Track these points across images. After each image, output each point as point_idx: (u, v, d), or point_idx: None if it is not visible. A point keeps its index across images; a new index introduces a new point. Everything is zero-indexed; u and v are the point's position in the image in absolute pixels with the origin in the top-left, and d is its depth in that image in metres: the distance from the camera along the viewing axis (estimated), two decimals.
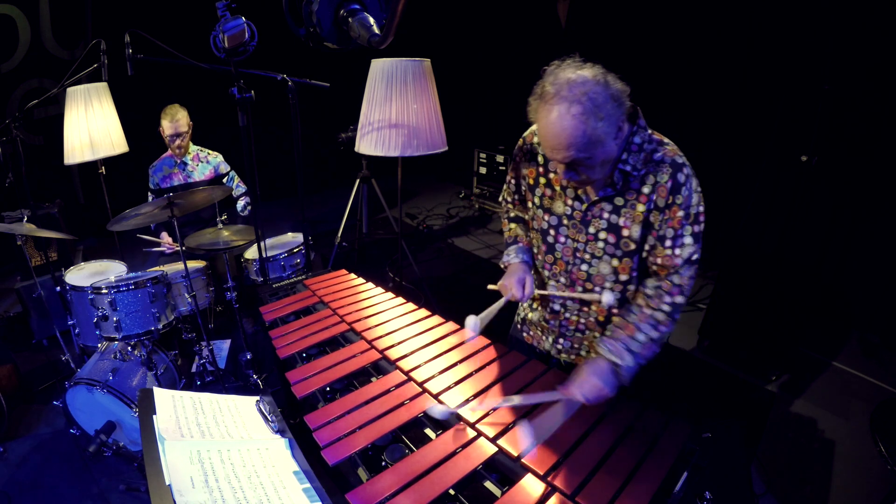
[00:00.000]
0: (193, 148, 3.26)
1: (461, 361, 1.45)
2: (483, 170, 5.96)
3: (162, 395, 1.09)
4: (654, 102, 4.23)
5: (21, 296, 3.25)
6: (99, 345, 2.53)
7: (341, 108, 4.90)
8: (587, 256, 1.41)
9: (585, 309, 1.50)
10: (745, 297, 3.05)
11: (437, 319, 1.69)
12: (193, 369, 2.85)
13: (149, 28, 1.98)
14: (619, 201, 1.32)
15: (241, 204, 3.40)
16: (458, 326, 1.63)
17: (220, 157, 3.34)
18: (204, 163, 3.27)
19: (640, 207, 1.29)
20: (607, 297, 1.37)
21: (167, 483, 0.83)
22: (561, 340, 1.58)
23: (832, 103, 3.00)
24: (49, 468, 2.35)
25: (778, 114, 3.57)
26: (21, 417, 2.67)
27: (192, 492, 0.83)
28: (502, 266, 1.60)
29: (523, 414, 1.22)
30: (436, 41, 5.68)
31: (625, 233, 1.33)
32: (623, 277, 1.39)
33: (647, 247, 1.34)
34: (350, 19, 1.21)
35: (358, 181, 4.08)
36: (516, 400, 1.23)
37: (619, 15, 4.47)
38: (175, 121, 3.05)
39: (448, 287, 4.10)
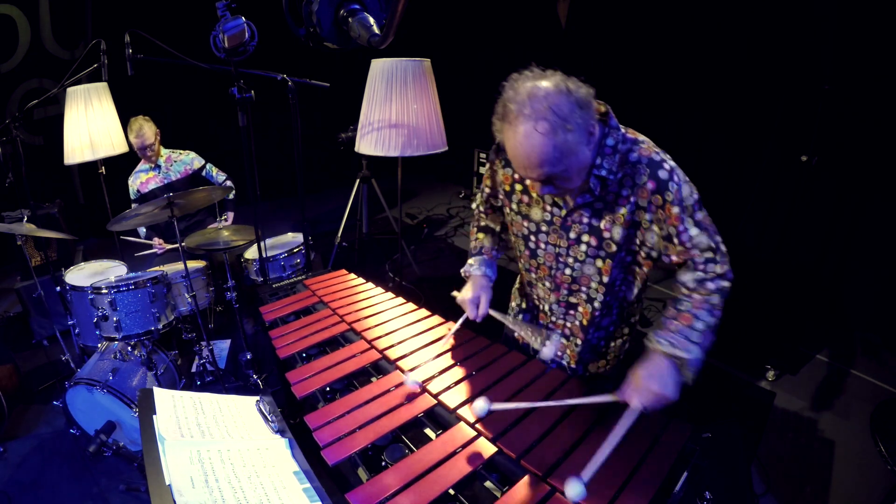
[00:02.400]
0: (165, 151, 3.34)
1: (461, 362, 1.45)
2: (483, 170, 5.97)
3: (162, 395, 1.09)
4: (654, 102, 4.28)
5: (21, 296, 3.25)
6: (99, 345, 2.53)
7: (341, 108, 4.90)
8: (570, 260, 1.40)
9: (572, 312, 1.50)
10: (745, 297, 3.05)
11: (437, 319, 1.69)
12: (193, 369, 2.85)
13: (149, 28, 1.98)
14: (598, 206, 1.28)
15: (220, 178, 3.46)
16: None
17: (191, 154, 3.42)
18: (177, 163, 3.35)
19: (622, 210, 1.25)
20: (547, 351, 1.36)
21: (167, 483, 0.83)
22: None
23: (832, 103, 3.00)
24: (49, 468, 2.35)
25: (778, 114, 3.57)
26: (21, 417, 2.67)
27: (192, 492, 0.83)
28: (464, 276, 1.61)
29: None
30: (436, 41, 5.68)
31: (606, 235, 1.30)
32: (606, 279, 1.37)
33: (636, 245, 1.29)
34: (350, 19, 1.21)
35: (358, 181, 4.08)
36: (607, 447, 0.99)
37: (619, 15, 4.46)
38: (139, 135, 3.11)
39: (448, 287, 4.09)
